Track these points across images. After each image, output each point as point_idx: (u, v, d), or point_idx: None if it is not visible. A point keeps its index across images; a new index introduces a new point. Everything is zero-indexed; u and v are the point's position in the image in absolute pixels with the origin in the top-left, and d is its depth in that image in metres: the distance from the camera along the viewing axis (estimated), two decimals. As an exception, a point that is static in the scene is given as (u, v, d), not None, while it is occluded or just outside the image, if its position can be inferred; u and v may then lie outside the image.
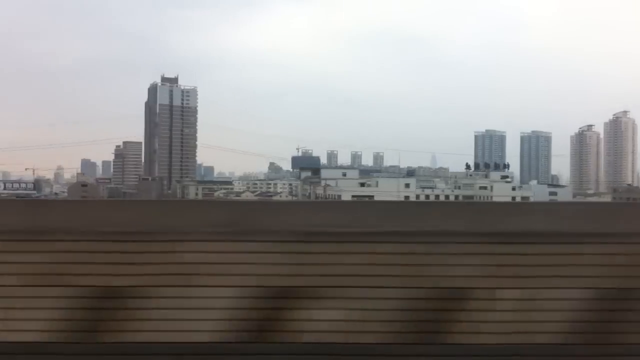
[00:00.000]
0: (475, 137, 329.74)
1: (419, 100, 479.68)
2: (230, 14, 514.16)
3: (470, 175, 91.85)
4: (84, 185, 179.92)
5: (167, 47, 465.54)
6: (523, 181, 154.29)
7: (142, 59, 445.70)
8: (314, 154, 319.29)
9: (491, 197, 78.92)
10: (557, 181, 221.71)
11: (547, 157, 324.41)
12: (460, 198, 78.18)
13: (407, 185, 67.66)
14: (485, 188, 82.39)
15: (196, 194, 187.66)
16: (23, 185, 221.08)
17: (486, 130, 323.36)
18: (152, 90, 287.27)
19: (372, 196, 58.63)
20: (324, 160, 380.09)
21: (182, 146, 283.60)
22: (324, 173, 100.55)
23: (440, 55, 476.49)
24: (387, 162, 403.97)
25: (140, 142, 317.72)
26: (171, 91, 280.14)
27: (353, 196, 59.12)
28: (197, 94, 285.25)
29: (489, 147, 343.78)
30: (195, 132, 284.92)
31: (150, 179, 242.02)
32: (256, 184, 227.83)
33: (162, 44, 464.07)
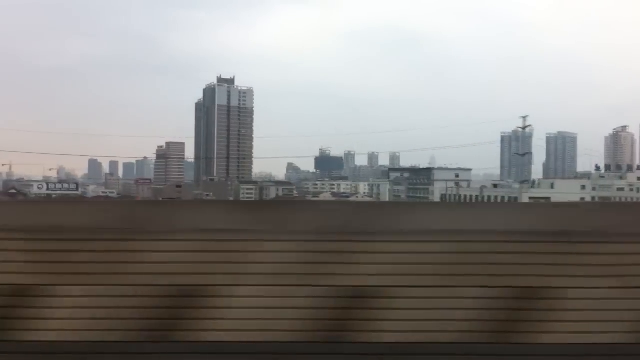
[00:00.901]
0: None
1: (420, 100, 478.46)
2: (233, 14, 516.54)
3: (602, 176, 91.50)
4: (179, 186, 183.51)
5: (169, 46, 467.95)
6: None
7: (143, 59, 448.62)
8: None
9: (633, 198, 78.21)
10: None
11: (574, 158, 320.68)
12: (597, 199, 77.77)
13: (583, 187, 67.64)
14: (622, 189, 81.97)
15: (277, 195, 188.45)
16: (66, 185, 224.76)
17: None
18: (209, 91, 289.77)
19: (549, 198, 58.50)
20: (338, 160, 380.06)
21: (239, 147, 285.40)
22: (438, 174, 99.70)
23: (442, 54, 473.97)
24: (404, 162, 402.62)
25: (183, 143, 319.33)
26: (229, 92, 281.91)
27: (531, 198, 59.17)
28: (253, 95, 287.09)
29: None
30: (252, 132, 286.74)
31: (216, 180, 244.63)
32: (316, 184, 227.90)
33: (167, 43, 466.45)
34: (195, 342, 3.48)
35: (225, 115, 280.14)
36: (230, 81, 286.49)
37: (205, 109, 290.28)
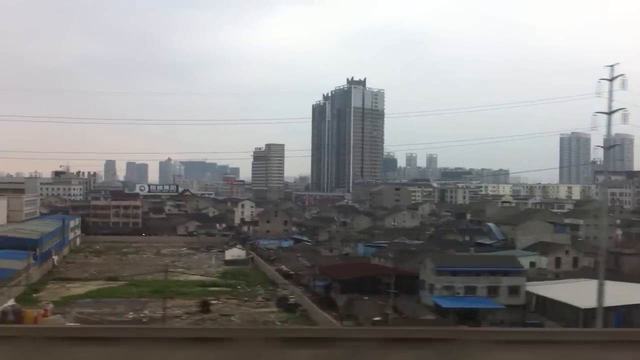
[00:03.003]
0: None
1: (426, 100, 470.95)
2: (235, 15, 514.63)
3: None
4: (397, 189, 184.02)
5: (172, 46, 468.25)
6: None
7: (147, 58, 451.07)
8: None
9: None
10: None
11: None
12: None
13: None
14: None
15: (464, 198, 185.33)
16: (166, 187, 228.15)
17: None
18: (340, 93, 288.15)
19: None
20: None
21: (371, 149, 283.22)
22: None
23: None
24: (440, 163, 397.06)
25: (283, 145, 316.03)
26: (363, 94, 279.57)
27: None
28: (384, 97, 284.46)
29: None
30: (383, 134, 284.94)
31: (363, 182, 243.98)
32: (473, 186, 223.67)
33: (171, 43, 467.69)
34: None
35: (359, 117, 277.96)
36: (362, 83, 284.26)
37: (335, 112, 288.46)
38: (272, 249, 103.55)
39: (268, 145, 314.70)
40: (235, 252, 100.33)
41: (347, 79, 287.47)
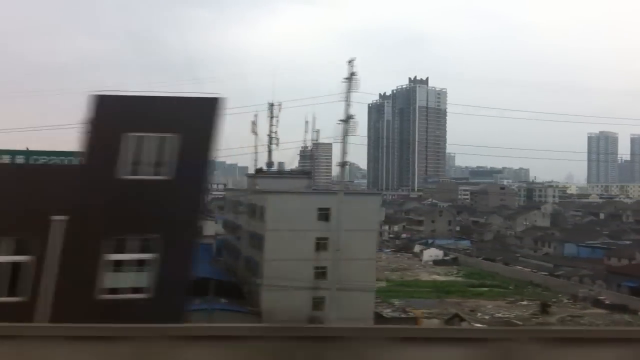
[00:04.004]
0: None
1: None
2: (237, 14, 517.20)
3: None
4: (502, 188, 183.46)
5: (173, 45, 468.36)
6: None
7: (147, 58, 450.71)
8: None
9: None
10: None
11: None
12: None
13: None
14: None
15: (554, 197, 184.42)
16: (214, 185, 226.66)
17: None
18: (403, 92, 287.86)
19: None
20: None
21: (435, 148, 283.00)
22: None
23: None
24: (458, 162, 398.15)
25: (331, 144, 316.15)
26: (427, 93, 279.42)
27: None
28: (446, 96, 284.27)
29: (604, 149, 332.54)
30: (445, 134, 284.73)
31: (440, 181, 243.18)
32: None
33: (171, 42, 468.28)
34: None
35: (424, 116, 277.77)
36: (424, 82, 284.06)
37: (397, 110, 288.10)
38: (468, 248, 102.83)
39: (315, 144, 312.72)
40: (433, 252, 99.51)
41: (409, 78, 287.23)
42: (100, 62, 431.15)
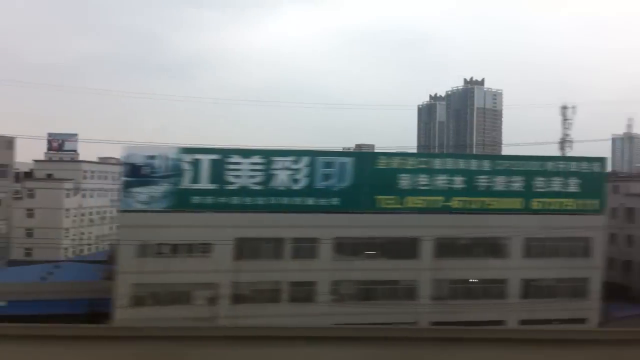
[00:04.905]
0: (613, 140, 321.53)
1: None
2: (238, 14, 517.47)
3: None
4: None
5: (173, 45, 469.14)
6: None
7: (147, 57, 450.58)
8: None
9: None
10: None
11: None
12: None
13: None
14: None
15: None
16: None
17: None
18: (457, 93, 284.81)
19: None
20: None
21: (492, 149, 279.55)
22: None
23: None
24: None
25: (373, 145, 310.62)
26: (484, 94, 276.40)
27: None
28: (502, 97, 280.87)
29: (628, 151, 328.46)
30: (501, 135, 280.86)
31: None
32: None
33: (172, 42, 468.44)
34: None
35: (481, 118, 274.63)
36: (480, 82, 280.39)
37: (453, 112, 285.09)
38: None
39: (358, 146, 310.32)
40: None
41: (465, 79, 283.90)
42: (100, 63, 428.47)
